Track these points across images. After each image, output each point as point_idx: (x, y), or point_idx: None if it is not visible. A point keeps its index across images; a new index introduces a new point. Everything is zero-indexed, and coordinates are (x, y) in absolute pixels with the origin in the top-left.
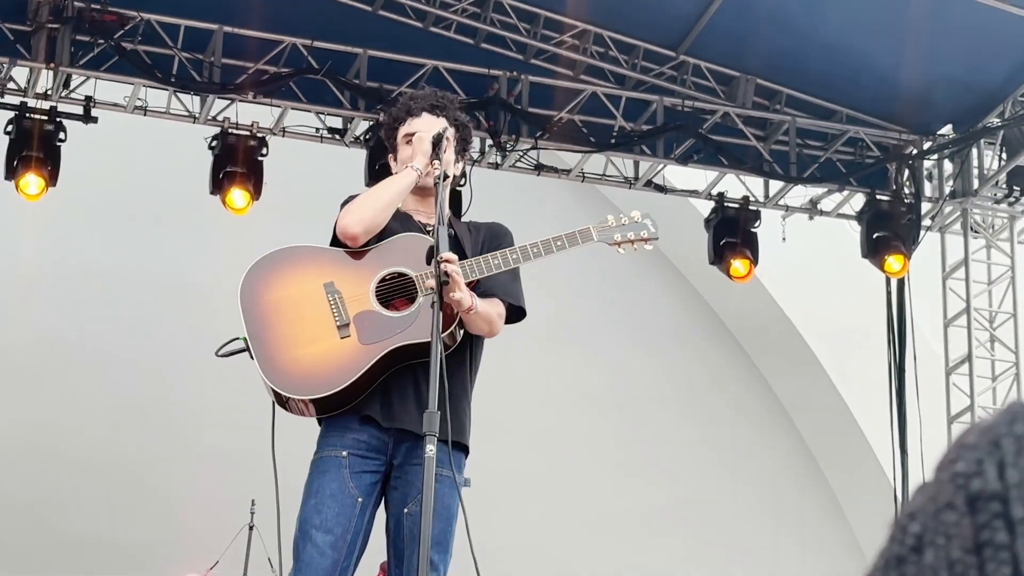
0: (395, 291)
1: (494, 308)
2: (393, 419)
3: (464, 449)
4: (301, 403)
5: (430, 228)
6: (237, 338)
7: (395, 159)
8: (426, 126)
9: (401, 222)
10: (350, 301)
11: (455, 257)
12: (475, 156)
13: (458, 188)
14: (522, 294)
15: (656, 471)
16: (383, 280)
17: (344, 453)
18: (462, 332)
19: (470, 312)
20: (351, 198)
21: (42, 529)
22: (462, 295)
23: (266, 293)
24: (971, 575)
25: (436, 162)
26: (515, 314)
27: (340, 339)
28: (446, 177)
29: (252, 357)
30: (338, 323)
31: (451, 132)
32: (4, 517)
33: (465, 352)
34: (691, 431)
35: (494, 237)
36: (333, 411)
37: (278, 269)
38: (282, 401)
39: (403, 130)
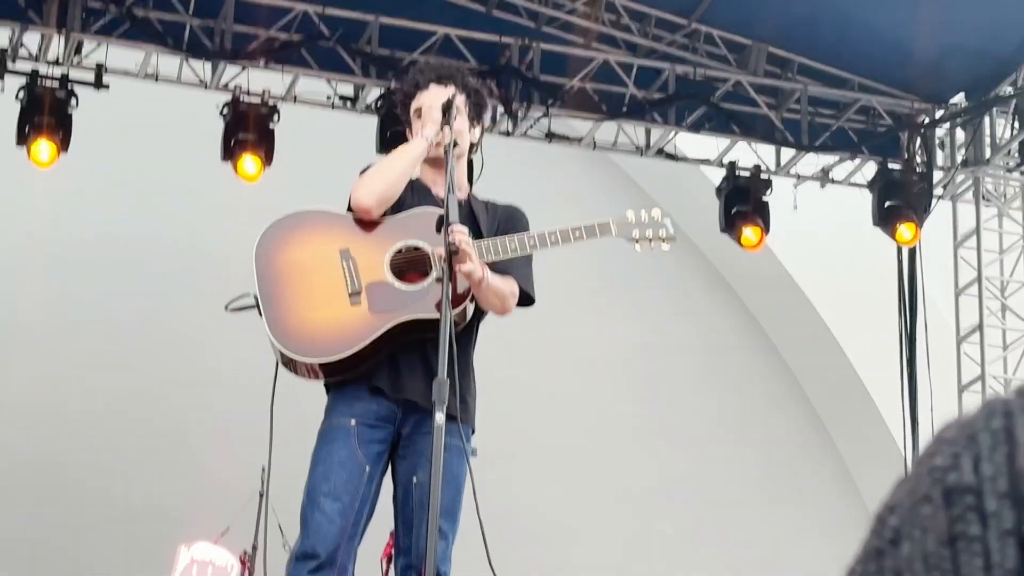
0: (410, 264)
1: (507, 285)
2: (401, 390)
3: (470, 428)
4: (305, 366)
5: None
6: (248, 294)
7: (411, 133)
8: (434, 98)
9: (418, 194)
10: (364, 270)
11: (465, 228)
12: (487, 125)
13: (477, 148)
14: (533, 280)
15: (668, 439)
16: (398, 252)
17: (353, 422)
18: (472, 311)
19: (481, 285)
20: (369, 167)
21: (54, 499)
22: (472, 266)
23: (281, 254)
24: (945, 567)
25: (446, 129)
26: (523, 300)
27: (350, 306)
28: (456, 145)
29: (261, 315)
30: (350, 290)
31: (461, 99)
32: (16, 487)
33: (472, 334)
34: (703, 400)
35: (510, 220)
36: (338, 376)
37: (295, 231)
38: (288, 363)
39: (414, 105)
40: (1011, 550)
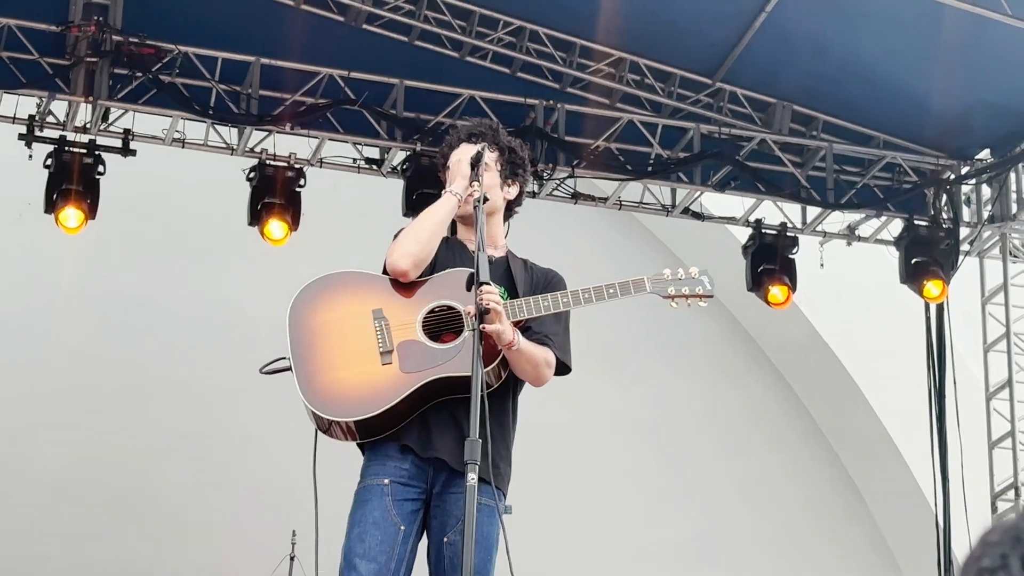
0: (443, 324)
1: (542, 353)
2: (431, 449)
3: (503, 494)
4: (339, 426)
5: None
6: (283, 358)
7: None
8: (464, 153)
9: (454, 251)
10: (396, 329)
11: (495, 288)
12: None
13: (515, 211)
14: (570, 349)
15: (697, 499)
16: (432, 311)
17: (386, 481)
18: (507, 373)
19: (511, 348)
20: (402, 230)
21: (82, 559)
22: (502, 328)
23: (313, 315)
24: None
25: (475, 184)
26: (559, 370)
27: (382, 365)
28: (486, 200)
29: (294, 377)
30: (381, 349)
31: (490, 155)
32: (45, 546)
33: (507, 399)
34: (731, 459)
35: (548, 283)
36: (372, 436)
37: (328, 292)
38: (323, 426)
39: (449, 162)
40: None
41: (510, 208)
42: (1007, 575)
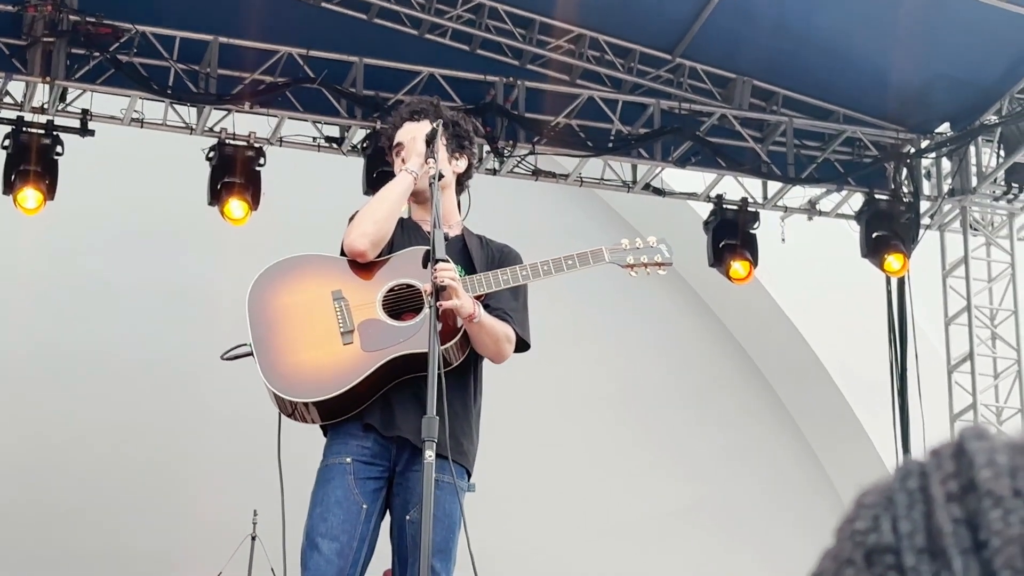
0: (403, 302)
1: (502, 327)
2: (393, 427)
3: (466, 471)
4: (303, 407)
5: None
6: (244, 344)
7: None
8: (411, 132)
9: (409, 232)
10: (356, 309)
11: (451, 265)
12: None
13: (466, 184)
14: (529, 326)
15: (662, 473)
16: (391, 290)
17: (348, 460)
18: (468, 350)
19: (472, 320)
20: (357, 212)
21: (43, 540)
22: (459, 302)
23: (273, 299)
24: None
25: (431, 161)
26: (519, 346)
27: (343, 345)
28: (441, 177)
29: (256, 362)
30: (342, 329)
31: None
32: (5, 528)
33: (468, 375)
34: (696, 434)
35: (504, 258)
36: (335, 417)
37: (287, 276)
38: (287, 409)
39: (394, 143)
40: None
41: (460, 182)
42: (878, 536)
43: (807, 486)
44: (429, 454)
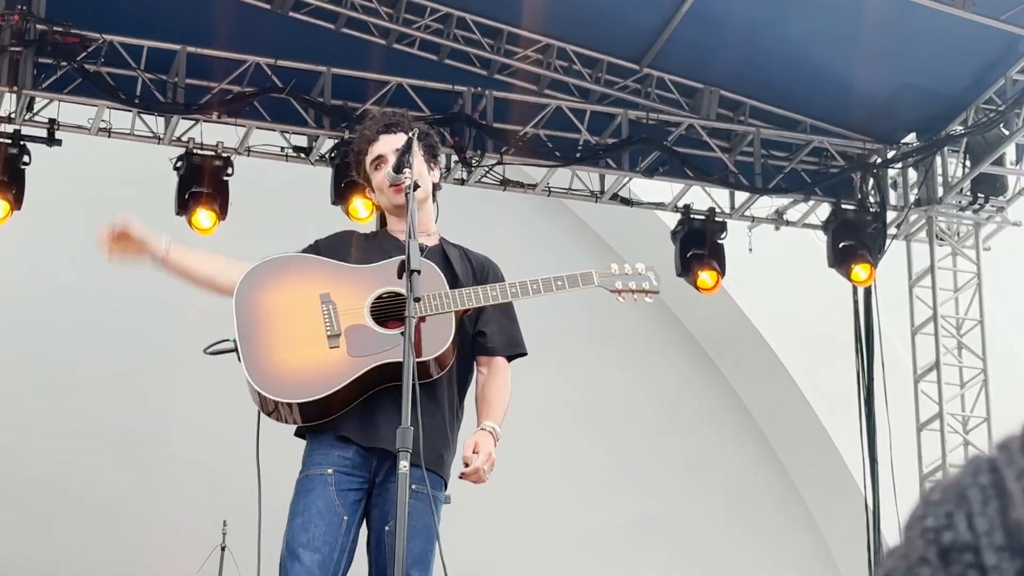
0: (390, 310)
1: (507, 394)
2: (372, 438)
3: (443, 481)
4: (285, 407)
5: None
6: (227, 339)
7: (371, 189)
8: (387, 146)
9: (383, 243)
10: (344, 313)
11: (482, 467)
12: (443, 171)
13: (436, 195)
14: (521, 334)
15: (628, 483)
16: (380, 297)
17: (330, 471)
18: (449, 366)
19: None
20: (338, 236)
21: (12, 550)
22: (487, 473)
23: (262, 296)
24: None
25: (407, 171)
26: (518, 356)
27: (329, 348)
28: (418, 187)
29: (239, 359)
30: (329, 333)
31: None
32: None
33: (453, 388)
34: (662, 443)
35: (485, 269)
36: (314, 421)
37: (277, 274)
38: (267, 408)
39: (368, 158)
40: None
41: (434, 192)
42: (954, 534)
43: (774, 494)
44: (404, 464)
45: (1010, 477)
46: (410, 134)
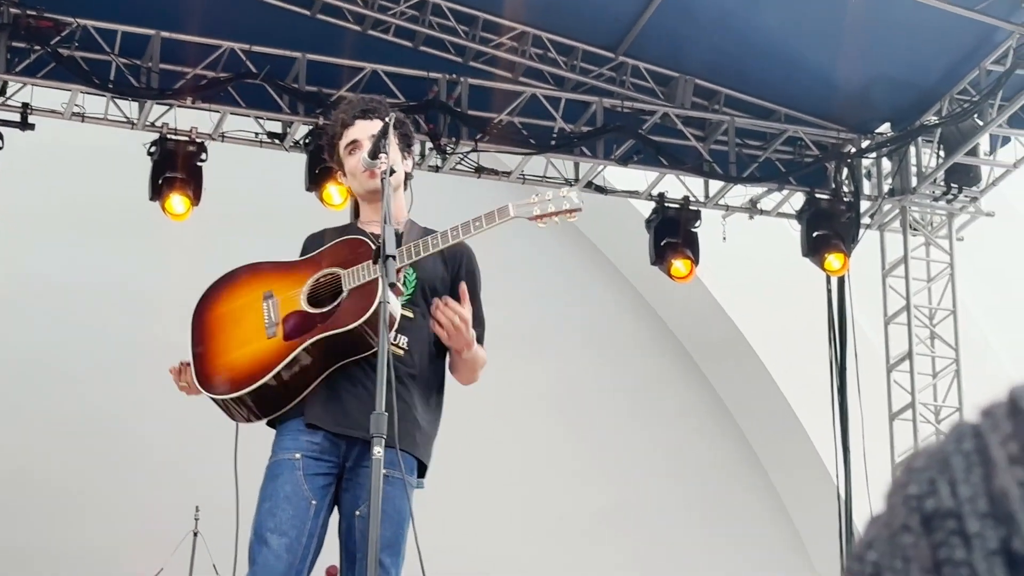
0: (325, 290)
1: (483, 357)
2: (341, 425)
3: (420, 464)
4: (233, 405)
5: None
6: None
7: (343, 174)
8: (363, 132)
9: (355, 235)
10: (283, 304)
11: (459, 308)
12: (416, 159)
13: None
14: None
15: (602, 473)
16: (316, 280)
17: (297, 455)
18: (399, 311)
19: (469, 349)
20: (312, 236)
21: None
22: (467, 339)
23: (211, 310)
24: None
25: (383, 156)
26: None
27: (267, 339)
28: (393, 172)
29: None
30: (267, 324)
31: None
32: None
33: (430, 371)
34: (636, 432)
35: (455, 257)
36: (274, 411)
37: (228, 286)
38: (227, 412)
39: (343, 143)
40: (999, 570)
41: (407, 182)
42: (936, 501)
43: (747, 484)
44: (377, 450)
45: (994, 443)
46: (387, 119)
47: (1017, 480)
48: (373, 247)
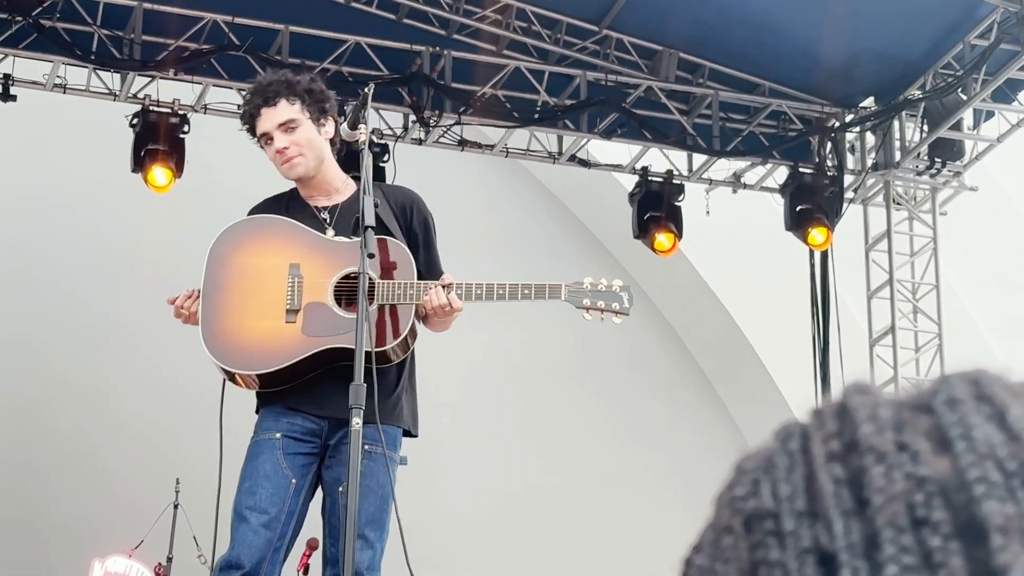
0: (354, 291)
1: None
2: (325, 407)
3: (398, 431)
4: (239, 376)
5: (325, 208)
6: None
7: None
8: (270, 122)
9: (296, 209)
10: (308, 288)
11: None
12: (398, 132)
13: (345, 152)
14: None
15: (582, 444)
16: (347, 276)
17: (278, 435)
18: (413, 346)
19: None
20: (257, 207)
21: None
22: (458, 309)
23: (234, 255)
24: None
25: (362, 127)
26: None
27: (284, 323)
28: (370, 144)
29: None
30: (288, 307)
31: (292, 108)
32: None
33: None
34: (618, 405)
35: (403, 209)
36: (270, 387)
37: (257, 235)
38: (226, 372)
39: (258, 133)
40: (810, 568)
41: (333, 144)
42: (757, 501)
43: (729, 457)
44: (356, 421)
45: (817, 442)
46: (365, 90)
47: (833, 477)
48: (412, 263)
